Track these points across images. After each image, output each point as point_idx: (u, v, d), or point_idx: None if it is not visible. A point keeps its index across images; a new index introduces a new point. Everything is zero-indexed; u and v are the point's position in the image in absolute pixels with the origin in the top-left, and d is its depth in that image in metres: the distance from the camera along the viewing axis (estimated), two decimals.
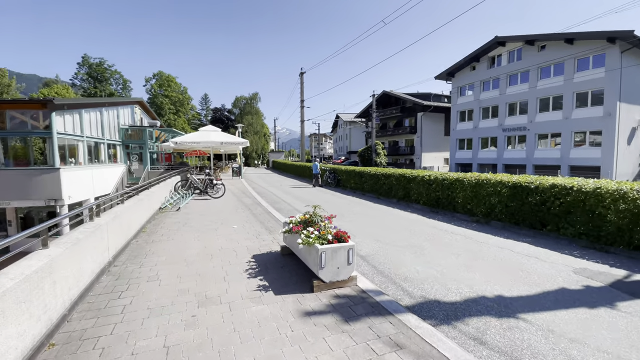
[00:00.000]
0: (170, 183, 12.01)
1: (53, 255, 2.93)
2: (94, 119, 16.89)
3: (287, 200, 12.61)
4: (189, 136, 15.03)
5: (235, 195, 13.06)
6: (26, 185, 12.75)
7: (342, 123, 68.46)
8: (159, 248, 5.66)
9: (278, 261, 4.91)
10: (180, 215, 8.78)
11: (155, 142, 24.08)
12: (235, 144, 14.64)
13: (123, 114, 21.15)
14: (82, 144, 15.48)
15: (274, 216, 8.71)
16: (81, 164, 15.27)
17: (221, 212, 9.23)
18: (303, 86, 33.69)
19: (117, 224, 5.05)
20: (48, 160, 13.10)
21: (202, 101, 72.30)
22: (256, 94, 73.22)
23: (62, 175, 13.16)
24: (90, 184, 15.56)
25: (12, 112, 12.68)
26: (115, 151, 20.02)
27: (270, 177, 26.83)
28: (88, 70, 50.76)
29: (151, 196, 8.24)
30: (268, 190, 16.41)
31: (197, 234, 6.71)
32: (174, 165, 23.24)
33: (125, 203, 6.05)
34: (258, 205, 10.59)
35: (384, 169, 14.16)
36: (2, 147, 12.81)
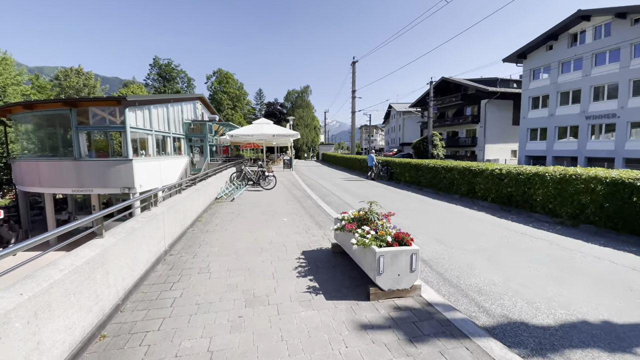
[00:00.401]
0: (226, 174, 12.46)
1: (107, 245, 2.91)
2: (161, 114, 18.35)
3: (337, 193, 12.23)
4: (243, 129, 15.48)
5: (286, 187, 13.08)
6: (105, 175, 14.34)
7: (394, 113, 65.75)
8: (212, 238, 5.69)
9: (329, 260, 4.54)
10: (234, 206, 8.95)
11: (215, 135, 25.54)
12: (286, 136, 14.69)
13: (186, 109, 22.72)
14: (151, 137, 16.93)
15: (324, 210, 8.39)
16: (150, 156, 16.73)
17: (272, 204, 9.20)
18: (355, 76, 32.77)
19: (173, 214, 5.14)
20: (123, 152, 14.55)
21: (257, 96, 75.27)
22: (307, 87, 73.88)
23: (135, 165, 14.51)
24: (158, 174, 17.00)
25: (94, 109, 14.27)
26: (180, 144, 21.65)
27: (320, 170, 26.76)
28: (158, 71, 56.04)
29: (208, 187, 8.50)
30: (317, 182, 16.22)
31: (248, 225, 6.67)
32: (231, 158, 24.41)
33: (183, 193, 6.22)
34: (308, 198, 10.39)
35: (444, 162, 12.95)
36: (86, 140, 14.53)
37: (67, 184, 14.50)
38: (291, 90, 74.83)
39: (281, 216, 7.55)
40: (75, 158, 14.25)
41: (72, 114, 14.09)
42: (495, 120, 36.13)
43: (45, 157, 15.40)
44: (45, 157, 15.29)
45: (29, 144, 16.20)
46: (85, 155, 14.52)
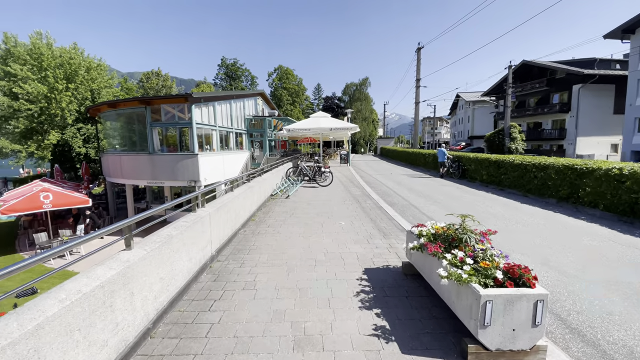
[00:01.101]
0: (282, 170, 12.14)
1: (133, 260, 2.41)
2: (224, 110, 19.01)
3: (400, 192, 10.99)
4: (299, 123, 15.08)
5: (343, 184, 12.25)
6: (174, 168, 15.25)
7: (462, 104, 60.10)
8: (263, 243, 5.14)
9: (399, 285, 3.57)
10: (289, 204, 8.44)
11: (273, 130, 25.93)
12: (344, 129, 13.84)
13: (248, 106, 23.35)
14: (216, 132, 17.60)
15: (387, 213, 7.35)
16: (214, 151, 17.42)
17: (328, 203, 8.46)
18: (420, 63, 30.25)
19: (223, 214, 4.70)
20: (189, 147, 15.30)
21: (315, 91, 75.62)
22: (366, 79, 71.66)
23: (200, 160, 15.15)
24: (221, 168, 17.66)
25: (165, 106, 15.24)
26: (242, 139, 22.35)
27: (379, 165, 25.33)
28: (225, 71, 59.71)
29: (263, 183, 8.11)
30: (377, 179, 15.05)
31: (302, 228, 6.01)
32: (288, 152, 24.52)
33: (235, 191, 5.81)
34: (367, 198, 9.41)
35: (534, 158, 10.75)
36: (159, 136, 15.61)
37: (143, 176, 15.85)
38: (349, 84, 73.40)
39: (338, 219, 6.74)
40: (149, 152, 15.43)
41: (147, 111, 15.23)
42: (591, 109, 30.20)
43: (126, 151, 17.05)
44: (126, 152, 16.92)
45: (113, 140, 18.12)
46: (158, 150, 15.63)
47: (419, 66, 30.43)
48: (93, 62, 31.25)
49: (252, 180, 7.21)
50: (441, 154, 15.37)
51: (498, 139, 27.92)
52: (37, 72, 27.09)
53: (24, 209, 12.87)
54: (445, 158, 15.42)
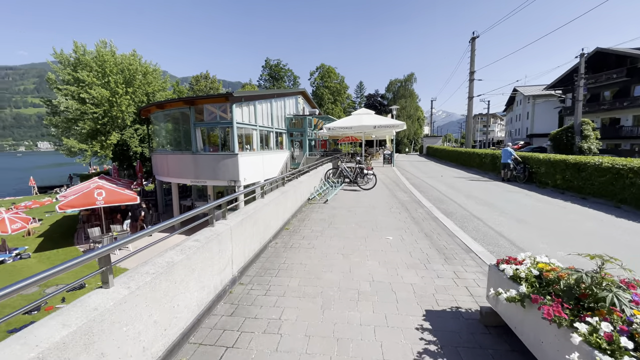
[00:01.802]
0: (321, 171, 11.35)
1: (102, 308, 1.71)
2: (265, 109, 18.80)
3: (456, 199, 9.56)
4: (341, 121, 14.19)
5: (388, 188, 11.10)
6: (215, 168, 15.28)
7: (521, 99, 54.57)
8: (296, 260, 4.35)
9: (480, 344, 2.50)
10: (327, 210, 7.59)
11: (314, 129, 25.35)
12: (389, 127, 12.65)
13: (288, 104, 23.04)
14: (256, 132, 17.42)
15: (444, 226, 6.15)
16: (254, 150, 17.25)
17: (372, 211, 7.45)
18: (474, 54, 27.55)
19: (248, 227, 3.99)
20: (230, 146, 15.23)
21: (357, 89, 74.07)
22: (411, 75, 68.42)
23: (240, 159, 14.99)
24: (261, 168, 17.45)
25: (208, 106, 15.33)
26: (282, 138, 22.09)
27: (426, 166, 23.44)
28: (269, 72, 60.87)
29: (299, 187, 7.37)
30: (426, 182, 13.58)
31: (342, 242, 5.12)
32: (328, 152, 23.75)
33: (265, 198, 5.09)
34: (417, 205, 8.20)
35: (632, 160, 8.64)
36: (201, 136, 15.78)
37: (187, 175, 16.16)
38: (393, 80, 70.63)
39: (384, 231, 5.73)
40: (193, 152, 15.67)
41: (190, 111, 15.46)
42: None
43: (172, 151, 17.58)
44: (172, 151, 17.45)
45: (161, 140, 18.83)
46: (201, 149, 15.81)
47: (473, 58, 27.73)
48: (149, 67, 33.51)
49: (287, 184, 6.50)
50: (506, 154, 13.36)
51: (567, 137, 24.43)
52: (101, 77, 29.61)
53: (80, 205, 13.72)
54: (510, 159, 13.41)
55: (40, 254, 13.80)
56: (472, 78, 27.90)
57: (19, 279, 1.48)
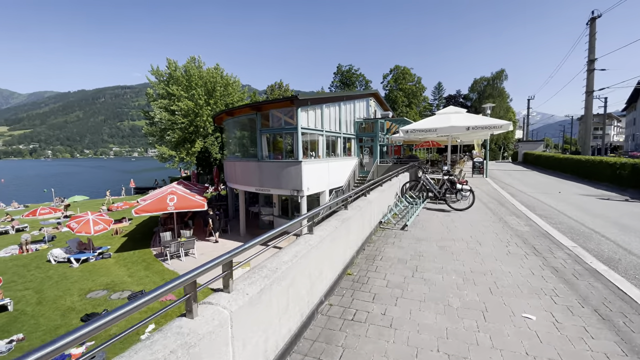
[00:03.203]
0: (397, 184, 9.14)
1: None
2: (332, 113, 17.37)
3: (604, 231, 6.36)
4: (422, 122, 11.76)
5: (488, 207, 8.29)
6: (279, 176, 14.32)
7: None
8: (356, 353, 2.46)
9: None
10: (407, 242, 5.47)
11: (386, 134, 23.00)
12: (489, 128, 9.74)
13: (359, 108, 21.26)
14: (322, 137, 16.07)
15: (623, 294, 3.49)
16: (320, 157, 15.89)
17: (477, 249, 5.07)
18: (594, 38, 21.63)
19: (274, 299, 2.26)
20: (294, 153, 14.13)
21: (435, 91, 68.19)
22: (501, 72, 59.86)
23: (303, 167, 13.74)
24: (326, 176, 16.00)
25: (273, 112, 14.55)
26: (350, 144, 20.38)
27: (530, 177, 18.85)
28: (340, 78, 60.21)
29: (367, 208, 5.43)
30: (540, 201, 10.16)
31: (441, 319, 3.02)
32: (403, 159, 21.09)
33: (313, 237, 3.29)
34: (548, 240, 5.45)
35: None
36: (267, 142, 15.07)
37: (252, 183, 15.64)
38: (478, 79, 62.91)
39: (513, 297, 3.40)
40: (258, 159, 15.07)
41: (257, 117, 14.90)
42: None
43: (240, 158, 17.41)
44: (240, 159, 17.26)
45: (231, 147, 18.92)
46: (266, 156, 15.11)
47: (593, 43, 21.82)
48: (230, 79, 35.76)
49: (349, 206, 4.66)
50: None
51: None
52: (187, 90, 32.49)
53: (153, 210, 14.19)
54: None
55: (119, 254, 14.71)
56: (592, 68, 21.92)
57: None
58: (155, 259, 14.14)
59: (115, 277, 12.29)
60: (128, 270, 12.95)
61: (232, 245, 15.76)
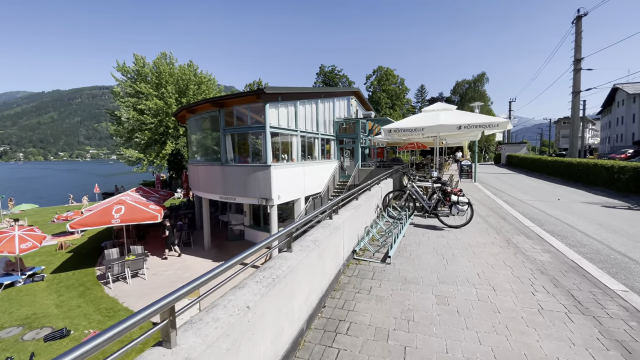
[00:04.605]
0: (377, 193, 7.46)
1: None
2: (308, 112, 15.65)
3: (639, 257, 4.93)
4: (407, 121, 10.25)
5: (490, 225, 6.75)
6: (245, 182, 12.42)
7: (623, 98, 43.78)
8: None
9: None
10: (389, 288, 3.76)
11: (368, 135, 21.50)
12: (484, 126, 8.28)
13: (339, 106, 19.65)
14: (296, 138, 14.30)
15: None
16: (294, 161, 14.12)
17: (495, 301, 3.41)
18: (580, 37, 20.96)
19: None
20: (262, 156, 12.29)
21: (418, 93, 67.99)
22: (482, 75, 60.29)
23: (273, 172, 11.92)
24: (301, 182, 14.23)
25: (238, 108, 12.66)
26: (329, 146, 18.72)
27: (519, 182, 17.76)
28: (323, 78, 58.73)
29: (334, 235, 3.70)
30: (546, 212, 8.77)
31: None
32: (386, 162, 19.62)
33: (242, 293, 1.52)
34: (585, 280, 3.88)
35: None
36: (231, 144, 13.15)
37: (216, 190, 13.64)
38: (460, 81, 63.16)
39: None
40: (222, 163, 13.12)
41: (220, 115, 12.98)
42: None
43: (201, 161, 15.37)
44: (201, 162, 15.23)
45: (194, 149, 16.85)
46: (231, 160, 13.18)
47: (579, 42, 21.14)
48: (204, 77, 33.47)
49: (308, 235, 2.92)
50: None
51: None
52: (157, 89, 29.99)
53: (93, 224, 11.94)
54: None
55: (56, 275, 12.33)
56: (579, 67, 21.26)
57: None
58: (97, 281, 11.91)
59: (39, 308, 10.00)
60: (59, 297, 10.67)
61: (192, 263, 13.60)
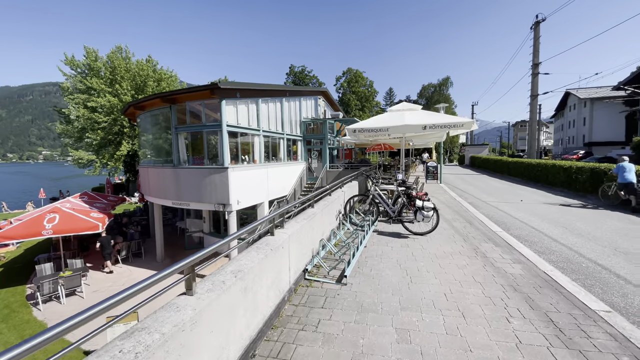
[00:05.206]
0: (337, 200, 6.83)
1: None
2: (273, 110, 14.80)
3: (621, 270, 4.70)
4: (372, 120, 9.79)
5: (456, 230, 6.36)
6: (200, 186, 11.33)
7: (575, 103, 47.44)
8: None
9: None
10: (342, 320, 3.08)
11: (336, 136, 21.05)
12: (450, 126, 7.98)
13: (306, 106, 18.98)
14: (259, 138, 13.40)
15: None
16: (256, 162, 13.20)
17: (465, 333, 2.83)
18: (538, 42, 22.01)
19: None
20: (219, 158, 11.26)
21: (387, 96, 69.37)
22: (447, 79, 62.81)
23: (231, 175, 10.94)
24: (265, 185, 13.33)
25: (192, 104, 11.54)
26: (296, 147, 17.99)
27: (482, 182, 18.12)
28: (293, 79, 57.91)
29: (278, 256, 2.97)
30: (510, 214, 8.65)
31: None
32: (354, 164, 19.25)
33: None
34: (563, 298, 3.45)
35: None
36: (186, 143, 11.98)
37: (168, 195, 12.36)
38: (426, 85, 65.36)
39: None
40: (174, 165, 11.90)
41: (172, 111, 11.77)
42: None
43: (153, 163, 13.98)
44: (153, 164, 13.84)
45: (145, 150, 15.36)
46: (184, 161, 12.00)
47: (537, 47, 22.19)
48: (165, 73, 31.25)
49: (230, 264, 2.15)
50: (628, 171, 8.73)
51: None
52: (110, 85, 27.53)
53: (20, 236, 10.26)
54: (632, 177, 8.65)
55: None
56: (537, 72, 22.30)
57: None
58: (26, 302, 10.24)
59: None
60: None
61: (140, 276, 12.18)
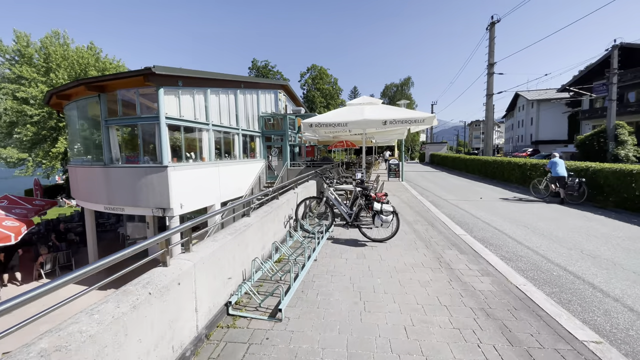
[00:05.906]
0: (287, 204, 5.92)
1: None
2: (225, 102, 13.50)
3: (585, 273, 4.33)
4: (330, 115, 9.02)
5: (418, 235, 5.76)
6: (135, 187, 9.81)
7: (523, 104, 51.08)
8: None
9: None
10: None
11: (298, 132, 20.14)
12: (410, 121, 7.45)
13: (265, 100, 17.80)
14: (208, 133, 12.07)
15: None
16: (204, 160, 11.87)
17: None
18: (494, 43, 22.77)
19: None
20: (157, 155, 9.82)
21: (351, 94, 69.68)
22: (408, 79, 64.54)
23: (172, 175, 9.57)
24: (216, 185, 12.04)
25: (124, 92, 9.95)
26: (255, 144, 16.79)
27: (443, 180, 18.27)
28: (256, 73, 55.84)
29: (156, 302, 2.01)
30: (472, 214, 8.35)
31: None
32: (316, 162, 18.48)
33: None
34: (542, 324, 2.87)
35: None
36: (117, 138, 10.35)
37: (99, 198, 10.63)
38: (389, 84, 66.71)
39: None
40: (105, 164, 10.23)
41: (100, 101, 10.08)
42: None
43: (80, 162, 12.06)
44: (80, 163, 11.94)
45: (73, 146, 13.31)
46: (117, 159, 10.36)
47: (492, 47, 22.96)
48: (109, 63, 28.08)
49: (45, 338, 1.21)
50: (559, 166, 9.47)
51: (598, 143, 20.40)
52: (45, 74, 24.13)
53: None
54: (564, 172, 9.15)
55: None
56: (492, 71, 23.10)
57: None
58: None
59: None
60: None
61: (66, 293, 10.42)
